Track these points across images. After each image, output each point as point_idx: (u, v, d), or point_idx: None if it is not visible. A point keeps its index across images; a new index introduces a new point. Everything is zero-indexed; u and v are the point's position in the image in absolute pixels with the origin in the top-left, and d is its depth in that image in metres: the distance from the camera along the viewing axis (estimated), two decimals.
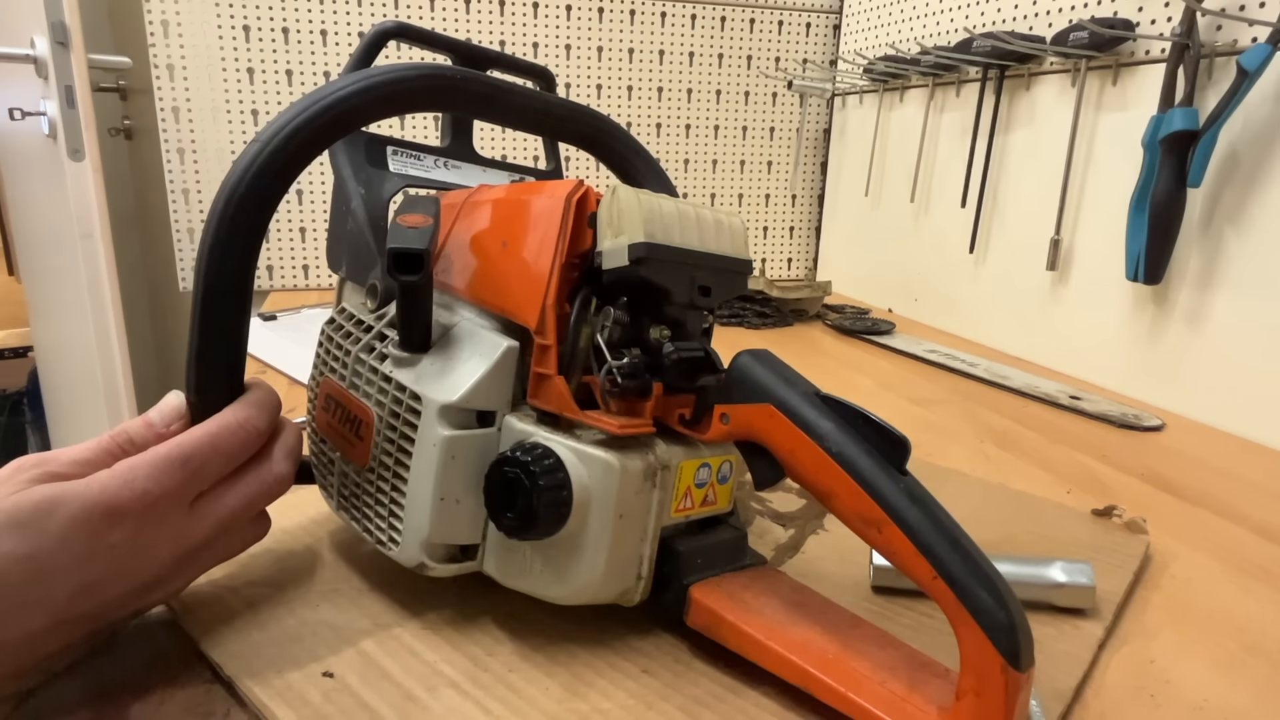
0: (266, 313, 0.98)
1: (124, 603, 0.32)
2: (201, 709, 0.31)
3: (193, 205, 1.16)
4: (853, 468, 0.30)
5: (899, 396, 0.78)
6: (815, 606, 0.35)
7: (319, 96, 0.34)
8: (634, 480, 0.33)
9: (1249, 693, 0.36)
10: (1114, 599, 0.41)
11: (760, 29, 1.31)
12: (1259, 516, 0.54)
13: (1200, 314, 0.73)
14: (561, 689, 0.33)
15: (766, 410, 0.33)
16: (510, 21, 1.21)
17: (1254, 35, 0.67)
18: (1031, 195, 0.92)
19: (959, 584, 0.28)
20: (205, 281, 0.33)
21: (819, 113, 1.36)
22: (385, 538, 0.36)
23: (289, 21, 1.13)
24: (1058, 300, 0.89)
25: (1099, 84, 0.82)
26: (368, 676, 0.33)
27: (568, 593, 0.34)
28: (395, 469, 0.35)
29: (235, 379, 0.35)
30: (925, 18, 1.09)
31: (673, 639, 0.36)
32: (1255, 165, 0.68)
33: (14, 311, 1.99)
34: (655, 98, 1.29)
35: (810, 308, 1.10)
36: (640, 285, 0.35)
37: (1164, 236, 0.72)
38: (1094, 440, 0.67)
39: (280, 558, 0.41)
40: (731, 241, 0.38)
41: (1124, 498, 0.55)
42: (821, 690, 0.31)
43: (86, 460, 0.32)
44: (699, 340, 0.38)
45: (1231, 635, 0.40)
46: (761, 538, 0.46)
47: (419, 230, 0.33)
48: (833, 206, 1.35)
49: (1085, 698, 0.34)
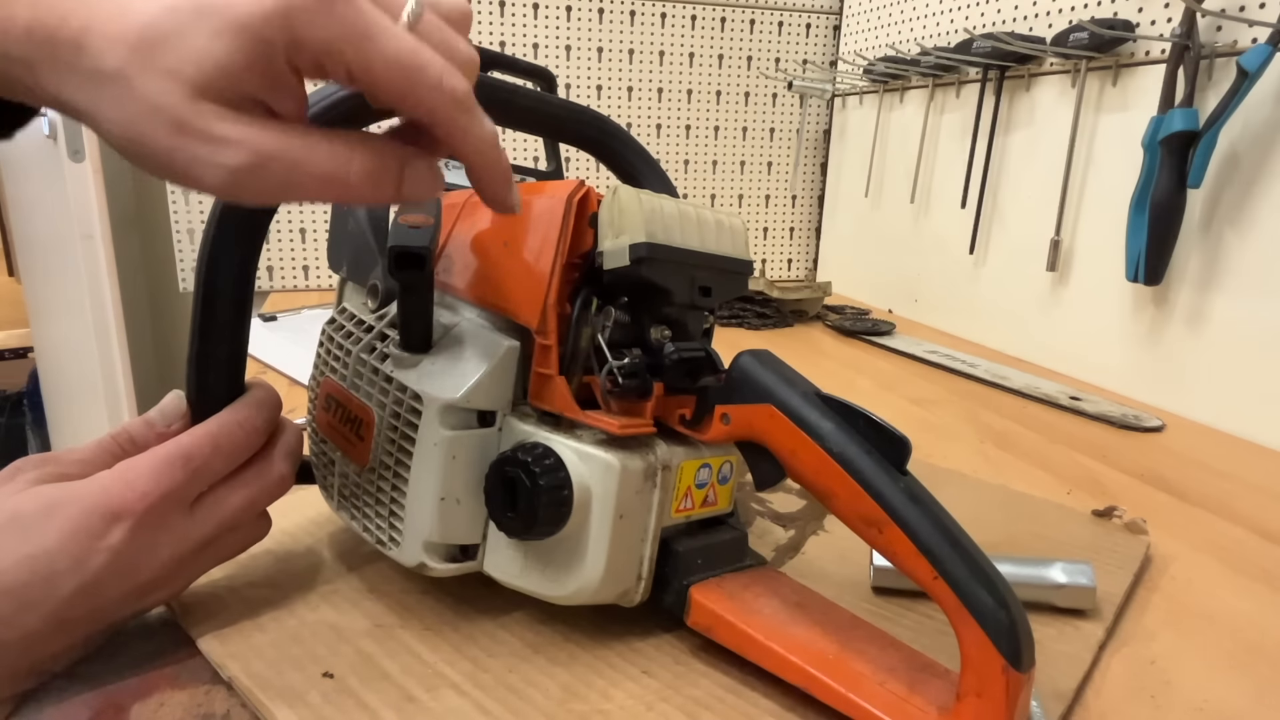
0: (267, 313, 0.98)
1: (124, 603, 0.32)
2: (201, 709, 0.31)
3: (193, 205, 1.16)
4: (853, 468, 0.30)
5: (899, 397, 0.78)
6: (816, 607, 0.35)
7: (321, 97, 0.34)
8: (634, 480, 0.33)
9: (1249, 693, 0.36)
10: (1114, 600, 0.41)
11: (760, 30, 1.31)
12: (1259, 517, 0.54)
13: (1200, 315, 0.73)
14: (561, 689, 0.33)
15: (767, 410, 0.33)
16: (510, 22, 1.21)
17: (1254, 36, 0.67)
18: (1031, 196, 0.92)
19: (960, 584, 0.28)
20: (205, 282, 0.33)
21: (819, 113, 1.36)
22: (385, 538, 0.36)
23: None
24: (1058, 301, 0.89)
25: (1099, 85, 0.83)
26: (368, 677, 0.33)
27: (568, 593, 0.34)
28: (396, 469, 0.35)
29: (235, 379, 0.35)
30: (925, 18, 1.09)
31: (673, 639, 0.36)
32: (1255, 166, 0.68)
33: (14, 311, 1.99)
34: (655, 98, 1.30)
35: (810, 308, 1.10)
36: (641, 285, 0.35)
37: (1164, 237, 0.72)
38: (1094, 441, 0.67)
39: (280, 558, 0.41)
40: (732, 242, 0.38)
41: (1124, 498, 0.55)
42: (822, 691, 0.31)
43: (87, 460, 0.33)
44: (700, 340, 0.38)
45: (1232, 636, 0.40)
46: (762, 538, 0.46)
47: (420, 230, 0.33)
48: (833, 207, 1.35)
49: (1086, 698, 0.34)
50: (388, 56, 0.26)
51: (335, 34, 0.26)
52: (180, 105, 0.25)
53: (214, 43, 0.25)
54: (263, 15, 0.25)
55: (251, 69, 0.25)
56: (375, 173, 0.27)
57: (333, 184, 0.27)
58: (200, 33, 0.25)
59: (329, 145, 0.27)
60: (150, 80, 0.25)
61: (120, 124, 0.25)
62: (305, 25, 0.25)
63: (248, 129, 0.25)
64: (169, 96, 0.25)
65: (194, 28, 0.25)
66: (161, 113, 0.25)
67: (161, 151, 0.25)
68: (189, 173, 0.26)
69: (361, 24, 0.26)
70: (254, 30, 0.25)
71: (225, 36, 0.25)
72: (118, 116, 0.25)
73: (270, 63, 0.26)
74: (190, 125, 0.25)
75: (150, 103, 0.25)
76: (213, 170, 0.25)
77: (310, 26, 0.25)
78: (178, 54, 0.25)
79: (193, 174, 0.25)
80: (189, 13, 0.25)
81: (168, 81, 0.25)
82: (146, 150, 0.25)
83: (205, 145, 0.25)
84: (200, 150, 0.25)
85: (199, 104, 0.25)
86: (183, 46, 0.25)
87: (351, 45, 0.26)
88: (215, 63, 0.25)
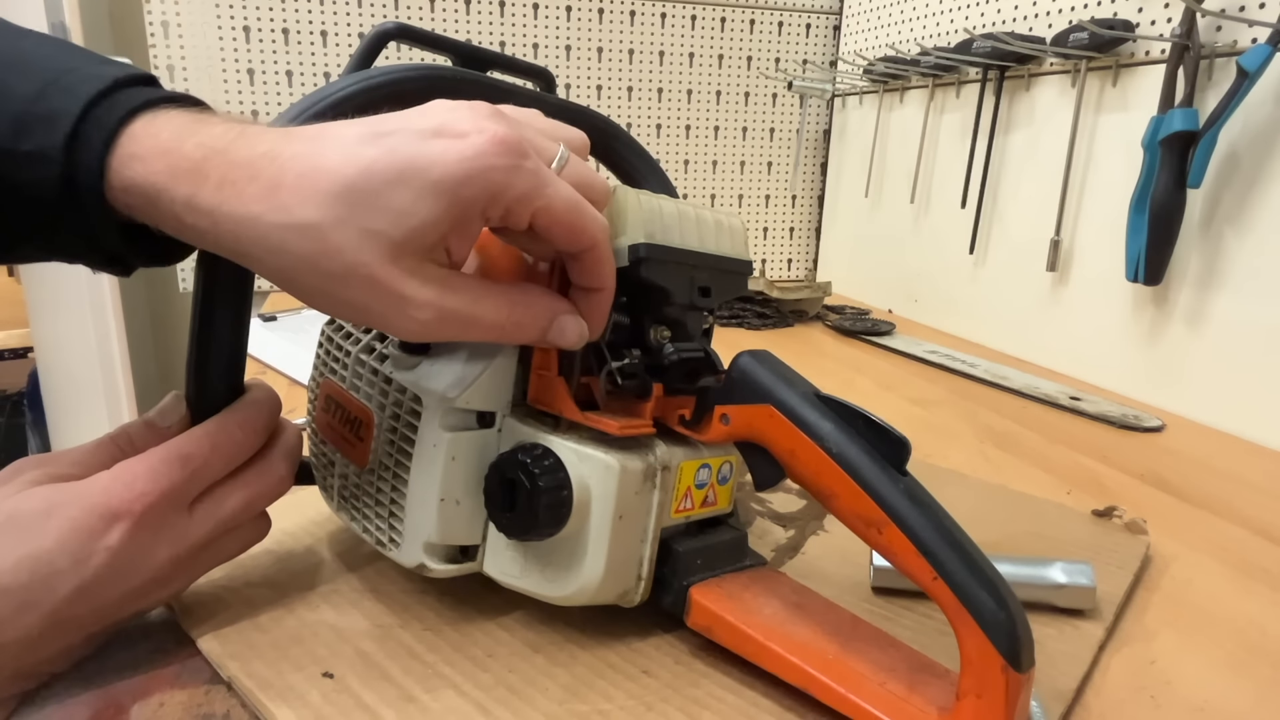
0: (266, 313, 0.98)
1: (124, 603, 0.32)
2: (201, 709, 0.31)
3: None
4: (853, 468, 0.30)
5: (899, 397, 0.78)
6: (815, 607, 0.35)
7: (319, 97, 0.34)
8: (634, 481, 0.33)
9: (1249, 694, 0.35)
10: (1114, 600, 0.41)
11: (760, 30, 1.31)
12: (1259, 517, 0.54)
13: (1200, 315, 0.73)
14: (561, 689, 0.33)
15: (767, 411, 0.33)
16: (510, 22, 1.21)
17: (1254, 36, 0.67)
18: (1031, 196, 0.92)
19: (959, 585, 0.28)
20: (205, 282, 0.33)
21: (819, 113, 1.36)
22: (385, 538, 0.36)
23: (289, 22, 1.13)
24: (1058, 301, 0.89)
25: (1099, 85, 0.82)
26: (368, 677, 0.33)
27: (568, 593, 0.34)
28: (395, 470, 0.35)
29: (235, 380, 0.35)
30: (925, 18, 1.09)
31: (673, 640, 0.36)
32: (1255, 166, 0.68)
33: (14, 311, 1.99)
34: (655, 99, 1.30)
35: (810, 308, 1.10)
36: (640, 286, 0.35)
37: (1164, 237, 0.72)
38: (1094, 441, 0.67)
39: (280, 558, 0.41)
40: (731, 242, 0.38)
41: (1124, 498, 0.55)
42: (821, 691, 0.31)
43: (86, 461, 0.33)
44: (699, 341, 0.38)
45: (1232, 636, 0.40)
46: (762, 539, 0.46)
47: None
48: (833, 207, 1.35)
49: (1086, 698, 0.34)
50: (563, 203, 0.29)
51: (524, 189, 0.28)
52: (376, 265, 0.27)
53: (418, 204, 0.27)
54: (465, 176, 0.27)
55: (450, 226, 0.28)
56: (529, 325, 0.31)
57: (495, 333, 0.31)
58: (402, 194, 0.26)
59: (494, 301, 0.30)
60: (347, 236, 0.26)
61: (306, 273, 0.27)
62: (501, 184, 0.28)
63: (434, 291, 0.28)
64: (366, 254, 0.26)
65: (395, 189, 0.26)
66: (358, 270, 0.26)
67: (352, 302, 0.27)
68: (379, 323, 0.29)
69: (541, 176, 0.29)
70: (456, 192, 0.27)
71: (429, 199, 0.27)
72: (303, 267, 0.27)
73: (467, 220, 0.28)
74: (384, 285, 0.27)
75: (346, 260, 0.26)
76: (403, 324, 0.28)
77: (505, 185, 0.28)
78: (379, 214, 0.26)
79: (383, 324, 0.29)
80: (390, 174, 0.26)
81: (367, 240, 0.26)
82: (332, 300, 0.28)
83: (397, 304, 0.27)
84: (391, 308, 0.28)
85: (395, 264, 0.27)
86: (384, 207, 0.26)
87: (536, 196, 0.29)
88: (418, 224, 0.27)
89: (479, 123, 0.28)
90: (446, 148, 0.27)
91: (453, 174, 0.27)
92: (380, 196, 0.26)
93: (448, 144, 0.27)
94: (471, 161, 0.27)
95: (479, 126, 0.28)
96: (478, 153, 0.27)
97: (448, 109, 0.29)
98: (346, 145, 0.27)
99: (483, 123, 0.28)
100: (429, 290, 0.28)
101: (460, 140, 0.27)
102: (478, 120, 0.28)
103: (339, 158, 0.27)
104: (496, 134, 0.28)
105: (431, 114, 0.28)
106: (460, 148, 0.27)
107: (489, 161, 0.27)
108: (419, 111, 0.29)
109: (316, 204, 0.26)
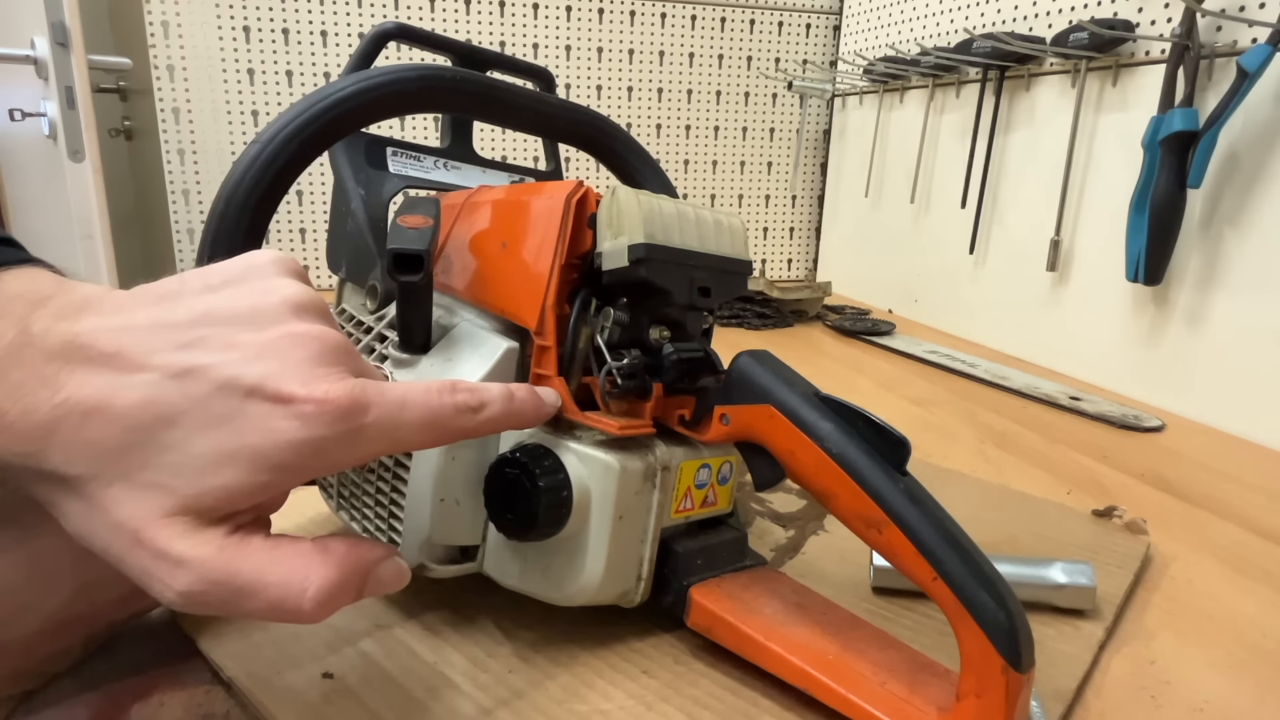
0: None
1: (123, 604, 0.32)
2: (201, 709, 0.31)
3: (193, 206, 1.16)
4: (853, 468, 0.30)
5: (899, 397, 0.78)
6: (815, 607, 0.35)
7: (319, 97, 0.34)
8: (634, 481, 0.33)
9: (1250, 694, 0.35)
10: (1114, 600, 0.41)
11: (760, 30, 1.31)
12: (1259, 517, 0.54)
13: (1200, 315, 0.73)
14: (561, 689, 0.33)
15: (766, 411, 0.33)
16: (510, 22, 1.21)
17: (1254, 36, 0.67)
18: (1031, 196, 0.92)
19: (959, 585, 0.28)
20: None
21: (819, 113, 1.36)
22: (385, 539, 0.36)
23: (289, 22, 1.13)
24: (1058, 301, 0.89)
25: (1099, 85, 0.82)
26: (368, 677, 0.33)
27: (567, 594, 0.34)
28: (395, 470, 0.35)
29: None
30: (925, 18, 1.09)
31: (673, 640, 0.36)
32: (1255, 166, 0.68)
33: None
34: (655, 99, 1.30)
35: (810, 308, 1.10)
36: (640, 286, 0.34)
37: (1164, 237, 0.72)
38: (1094, 441, 0.67)
39: None
40: (731, 242, 0.38)
41: (1124, 498, 0.55)
42: (821, 691, 0.31)
43: None
44: (699, 341, 0.38)
45: (1232, 636, 0.40)
46: (761, 539, 0.46)
47: (419, 231, 0.33)
48: (833, 207, 1.35)
49: (1086, 698, 0.34)
50: (421, 434, 0.26)
51: (370, 450, 0.25)
52: (147, 520, 0.22)
53: (223, 470, 0.23)
54: (293, 453, 0.23)
55: (259, 495, 0.24)
56: (333, 590, 0.24)
57: (284, 608, 0.23)
58: (203, 452, 0.23)
59: (286, 565, 0.23)
60: (121, 489, 0.22)
61: (77, 527, 0.23)
62: (337, 457, 0.24)
63: (204, 549, 0.23)
64: (139, 509, 0.22)
65: (194, 443, 0.23)
66: (124, 526, 0.22)
67: (113, 558, 0.23)
68: (140, 582, 0.23)
69: (384, 425, 0.24)
70: (279, 466, 0.23)
71: (240, 467, 0.23)
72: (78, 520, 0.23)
73: (279, 488, 0.24)
74: (148, 541, 0.22)
75: (115, 515, 0.22)
76: (161, 589, 0.23)
77: (343, 456, 0.24)
78: (164, 469, 0.22)
79: (144, 585, 0.23)
80: (191, 428, 0.23)
81: (144, 491, 0.22)
82: (104, 554, 0.23)
83: (157, 562, 0.22)
84: (152, 566, 0.22)
85: (168, 520, 0.23)
86: (178, 463, 0.22)
87: (391, 444, 0.25)
88: (220, 489, 0.23)
89: (311, 385, 0.23)
90: (269, 415, 0.23)
91: (278, 450, 0.23)
92: (171, 450, 0.22)
93: (269, 411, 0.23)
94: (301, 444, 0.23)
95: (309, 391, 0.23)
96: (308, 434, 0.23)
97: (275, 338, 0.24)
98: (149, 383, 0.23)
99: (315, 385, 0.23)
100: (199, 548, 0.23)
101: (286, 408, 0.23)
102: (309, 382, 0.23)
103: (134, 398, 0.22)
104: (328, 398, 0.23)
105: (250, 352, 0.23)
106: (285, 426, 0.23)
107: (321, 432, 0.23)
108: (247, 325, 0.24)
109: (87, 458, 0.22)
